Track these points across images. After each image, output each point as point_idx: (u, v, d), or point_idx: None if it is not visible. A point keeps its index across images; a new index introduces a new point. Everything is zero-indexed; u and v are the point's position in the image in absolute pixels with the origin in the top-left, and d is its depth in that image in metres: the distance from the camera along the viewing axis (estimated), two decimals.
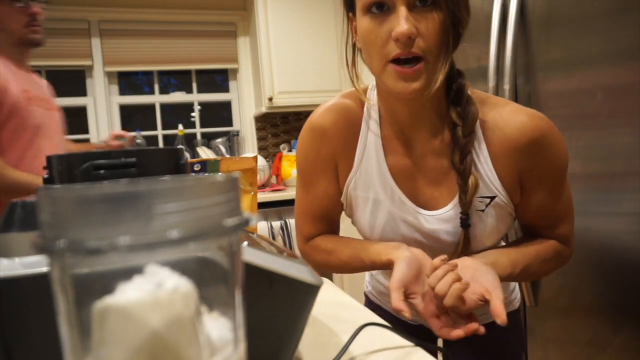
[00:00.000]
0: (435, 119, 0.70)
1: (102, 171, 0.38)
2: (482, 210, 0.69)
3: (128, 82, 2.82)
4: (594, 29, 1.03)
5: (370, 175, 0.74)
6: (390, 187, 0.73)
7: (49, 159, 0.40)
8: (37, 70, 2.59)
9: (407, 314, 0.57)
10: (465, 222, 0.69)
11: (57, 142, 1.49)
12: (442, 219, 0.72)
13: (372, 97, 0.75)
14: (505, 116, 0.67)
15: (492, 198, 0.69)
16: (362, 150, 0.74)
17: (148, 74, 2.83)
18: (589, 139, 1.06)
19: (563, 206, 0.72)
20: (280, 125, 2.99)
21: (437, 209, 0.72)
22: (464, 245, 0.71)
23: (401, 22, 0.58)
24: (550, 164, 0.68)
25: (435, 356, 0.50)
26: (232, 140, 2.82)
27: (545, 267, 0.73)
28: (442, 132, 0.70)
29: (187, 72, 2.89)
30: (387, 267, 0.67)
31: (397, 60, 0.61)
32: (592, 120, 1.05)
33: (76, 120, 2.69)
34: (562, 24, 1.11)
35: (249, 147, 2.95)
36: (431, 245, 0.74)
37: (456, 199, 0.70)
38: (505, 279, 0.67)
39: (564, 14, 1.10)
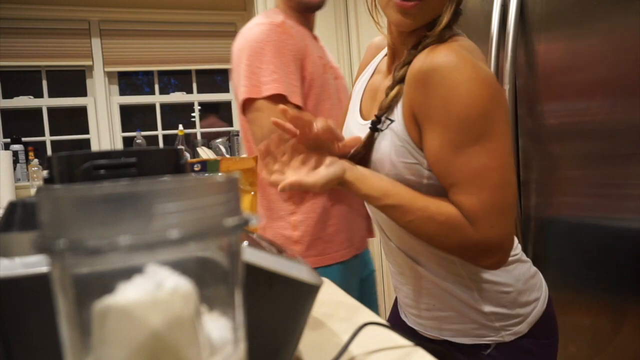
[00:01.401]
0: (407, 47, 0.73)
1: (102, 171, 0.38)
2: (382, 131, 0.70)
3: (128, 82, 2.82)
4: (594, 29, 1.03)
5: (358, 85, 0.86)
6: (356, 99, 0.83)
7: (49, 158, 0.40)
8: (37, 71, 2.60)
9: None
10: (375, 124, 0.70)
11: (342, 114, 1.35)
12: (365, 127, 0.74)
13: None
14: (428, 52, 0.65)
15: (392, 121, 0.69)
16: (365, 71, 0.86)
17: (148, 74, 2.83)
18: (589, 140, 1.07)
19: (464, 169, 0.62)
20: None
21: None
22: (362, 150, 0.72)
23: None
24: (438, 104, 0.62)
25: (436, 356, 0.50)
26: (232, 140, 2.82)
27: (430, 227, 0.65)
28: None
29: (187, 72, 2.89)
30: None
31: None
32: (592, 120, 1.05)
33: (76, 120, 2.69)
34: (562, 24, 1.11)
35: None
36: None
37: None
38: (364, 197, 0.68)
39: (563, 14, 1.10)
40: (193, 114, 2.93)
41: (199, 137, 2.90)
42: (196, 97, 2.91)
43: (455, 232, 0.63)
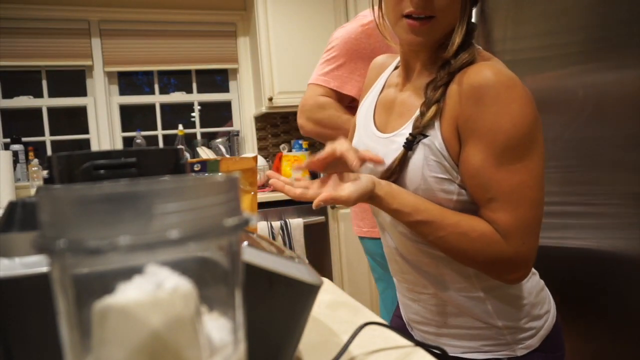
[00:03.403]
0: (432, 57, 0.73)
1: (102, 171, 0.38)
2: (415, 144, 0.69)
3: (128, 82, 2.82)
4: (569, 23, 1.03)
5: (366, 103, 0.85)
6: (368, 113, 0.82)
7: (49, 158, 0.40)
8: (37, 71, 2.60)
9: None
10: (410, 143, 0.68)
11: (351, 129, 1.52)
12: (388, 141, 0.74)
13: None
14: (475, 69, 0.65)
15: (425, 136, 0.68)
16: (374, 85, 0.86)
17: (148, 74, 2.83)
18: (573, 135, 1.07)
19: (504, 185, 0.63)
20: (280, 125, 2.99)
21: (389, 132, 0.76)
22: (396, 169, 0.70)
23: None
24: (488, 120, 0.63)
25: (436, 356, 0.50)
26: (232, 140, 2.82)
27: (462, 242, 0.65)
28: (433, 71, 0.72)
29: (187, 72, 2.89)
30: None
31: (409, 15, 0.66)
32: (576, 117, 1.06)
33: (76, 120, 2.69)
34: (531, 19, 1.11)
35: (249, 147, 2.95)
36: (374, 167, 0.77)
37: (407, 124, 0.71)
38: (394, 212, 0.67)
39: (532, 9, 1.11)
40: (193, 114, 2.93)
41: (199, 137, 2.90)
42: (196, 97, 2.91)
43: (488, 248, 0.64)
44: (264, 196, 2.34)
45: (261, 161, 2.61)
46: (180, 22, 2.78)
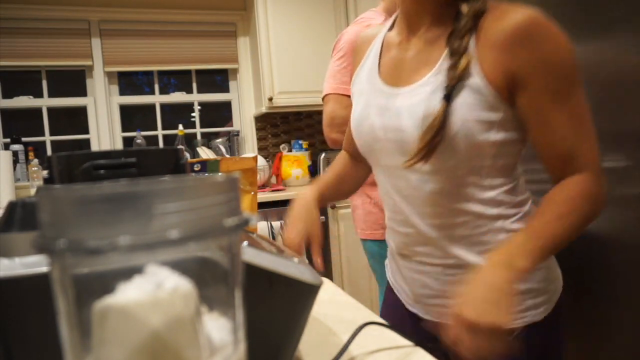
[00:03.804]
0: (439, 10, 0.70)
1: (102, 171, 0.38)
2: (454, 91, 0.64)
3: (128, 82, 2.82)
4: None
5: (364, 73, 0.80)
6: (373, 78, 0.77)
7: (49, 158, 0.40)
8: (37, 71, 2.60)
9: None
10: (449, 94, 0.64)
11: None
12: (410, 93, 0.69)
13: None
14: (503, 13, 0.64)
15: (464, 81, 0.64)
16: (368, 53, 0.81)
17: (148, 74, 2.83)
18: None
19: (575, 124, 0.63)
20: (280, 125, 2.99)
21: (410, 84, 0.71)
22: (440, 124, 0.64)
23: None
24: (544, 58, 0.62)
25: (436, 356, 0.50)
26: (232, 140, 2.82)
27: (576, 218, 0.63)
28: (443, 23, 0.69)
29: (187, 72, 2.89)
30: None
31: None
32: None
33: (76, 120, 2.69)
34: None
35: (249, 147, 2.95)
36: (393, 139, 0.71)
37: (432, 73, 0.67)
38: (534, 267, 0.60)
39: None
40: (193, 114, 2.93)
41: (199, 137, 2.90)
42: (196, 97, 2.91)
43: (590, 199, 0.64)
44: (264, 196, 2.34)
45: (261, 161, 2.61)
46: (180, 22, 2.78)
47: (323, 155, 2.70)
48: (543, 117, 0.64)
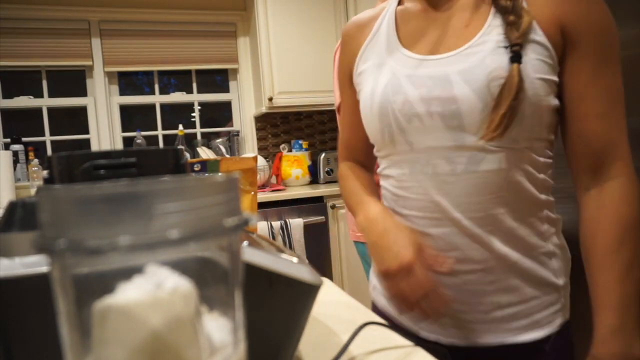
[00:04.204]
0: None
1: (102, 171, 0.38)
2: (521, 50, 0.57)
3: (128, 82, 2.82)
4: None
5: (379, 47, 0.70)
6: (395, 48, 0.67)
7: (49, 158, 0.40)
8: (37, 71, 2.60)
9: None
10: (517, 55, 0.56)
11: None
12: (462, 57, 0.60)
13: None
14: None
15: (523, 43, 0.58)
16: (375, 30, 0.71)
17: (148, 74, 2.83)
18: None
19: (611, 102, 0.58)
20: (280, 125, 2.99)
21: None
22: (518, 90, 0.55)
23: None
24: (596, 19, 0.58)
25: (436, 356, 0.50)
26: (232, 140, 2.82)
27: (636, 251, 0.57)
28: None
29: (187, 72, 2.89)
30: (364, 220, 0.67)
31: None
32: None
33: (76, 120, 2.69)
34: None
35: (249, 147, 2.95)
36: (441, 113, 0.60)
37: (482, 33, 0.60)
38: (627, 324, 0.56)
39: None
40: (193, 114, 2.93)
41: (199, 137, 2.90)
42: (196, 97, 2.91)
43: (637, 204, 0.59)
44: (264, 196, 2.34)
45: (261, 161, 2.61)
46: (180, 22, 2.78)
47: (323, 155, 2.70)
48: (581, 88, 0.59)
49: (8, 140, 2.51)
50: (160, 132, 2.84)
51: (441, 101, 0.60)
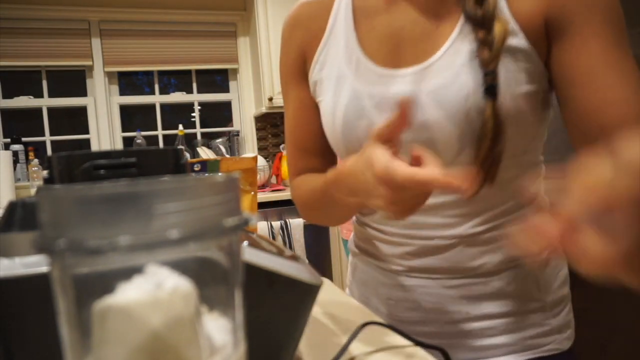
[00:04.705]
0: None
1: (102, 171, 0.38)
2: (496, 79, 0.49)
3: (128, 82, 2.82)
4: None
5: (336, 51, 0.60)
6: (355, 57, 0.58)
7: (49, 158, 0.40)
8: (37, 70, 2.60)
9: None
10: (492, 86, 0.48)
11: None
12: (429, 73, 0.52)
13: None
14: None
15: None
16: (331, 26, 0.61)
17: (148, 74, 2.83)
18: None
19: (629, 75, 0.47)
20: (280, 125, 2.99)
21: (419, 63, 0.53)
22: (496, 132, 0.48)
23: None
24: None
25: (436, 356, 0.50)
26: (232, 140, 2.82)
27: None
28: None
29: (187, 72, 2.89)
30: (334, 183, 0.51)
31: None
32: None
33: (76, 120, 2.69)
34: None
35: (249, 147, 2.95)
36: (417, 138, 0.53)
37: (452, 40, 0.51)
38: None
39: None
40: (193, 114, 2.93)
41: (199, 137, 2.90)
42: (196, 97, 2.91)
43: None
44: (264, 196, 2.34)
45: (261, 161, 2.61)
46: (180, 22, 2.78)
47: None
48: (589, 74, 0.48)
49: (8, 140, 2.51)
50: (160, 132, 2.84)
51: (411, 128, 0.51)
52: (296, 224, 2.29)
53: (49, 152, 2.64)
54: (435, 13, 0.54)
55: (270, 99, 2.56)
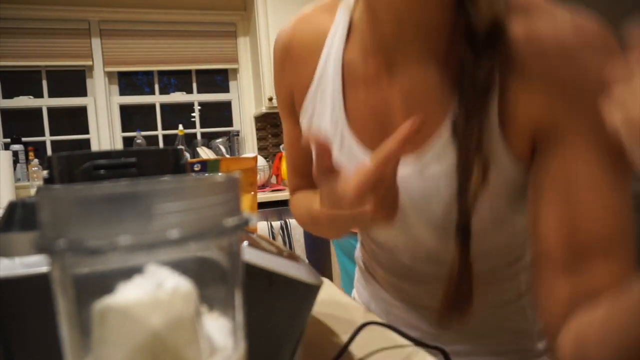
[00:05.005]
0: (435, 31, 0.46)
1: (102, 171, 0.38)
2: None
3: (128, 82, 2.82)
4: None
5: (323, 108, 0.55)
6: (340, 130, 0.53)
7: (49, 158, 0.40)
8: (37, 71, 2.60)
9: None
10: (464, 231, 0.45)
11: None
12: (408, 177, 0.48)
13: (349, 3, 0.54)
14: (538, 24, 0.42)
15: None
16: (319, 76, 0.55)
17: (148, 74, 2.83)
18: None
19: (623, 205, 0.41)
20: (280, 125, 2.99)
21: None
22: (462, 271, 0.46)
23: None
24: (593, 91, 0.39)
25: (437, 356, 0.50)
26: (232, 140, 2.82)
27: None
28: (446, 53, 0.46)
29: (187, 72, 2.89)
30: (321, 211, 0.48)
31: None
32: None
33: (76, 120, 2.69)
34: None
35: (249, 147, 2.95)
36: (409, 243, 0.54)
37: (437, 144, 0.47)
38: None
39: None
40: (193, 114, 2.93)
41: (199, 137, 2.90)
42: (196, 97, 2.91)
43: None
44: (264, 196, 2.34)
45: (261, 161, 2.61)
46: (180, 22, 2.78)
47: None
48: (575, 187, 0.41)
49: (8, 140, 2.51)
50: (160, 132, 2.84)
51: (400, 237, 0.54)
52: (296, 224, 2.28)
53: (49, 152, 2.64)
54: (425, 99, 0.48)
55: (270, 99, 2.56)
